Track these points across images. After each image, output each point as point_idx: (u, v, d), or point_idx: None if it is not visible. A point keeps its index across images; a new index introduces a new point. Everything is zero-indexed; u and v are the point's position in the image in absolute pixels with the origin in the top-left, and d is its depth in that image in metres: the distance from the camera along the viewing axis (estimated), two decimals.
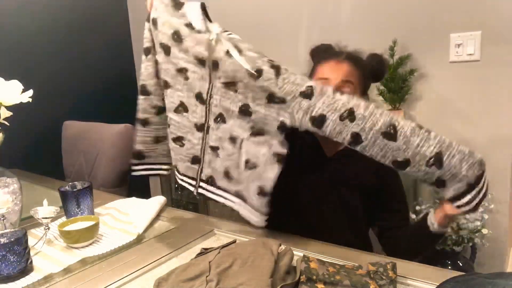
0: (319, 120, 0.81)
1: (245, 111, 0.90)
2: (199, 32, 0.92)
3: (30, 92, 1.04)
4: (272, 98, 0.86)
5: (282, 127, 0.87)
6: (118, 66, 2.66)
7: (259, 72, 0.85)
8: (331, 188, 1.05)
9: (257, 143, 0.90)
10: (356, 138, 0.79)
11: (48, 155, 2.06)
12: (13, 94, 1.02)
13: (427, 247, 1.00)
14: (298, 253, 0.85)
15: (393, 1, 1.76)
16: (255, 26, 2.17)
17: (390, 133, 0.77)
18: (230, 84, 0.90)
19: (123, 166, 1.69)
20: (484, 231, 1.50)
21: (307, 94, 0.82)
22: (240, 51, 0.88)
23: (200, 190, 1.01)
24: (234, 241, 0.89)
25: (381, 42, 1.72)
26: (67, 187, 1.12)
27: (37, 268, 0.86)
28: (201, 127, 0.97)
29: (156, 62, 1.02)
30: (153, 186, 2.91)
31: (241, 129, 0.91)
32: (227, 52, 0.89)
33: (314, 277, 0.72)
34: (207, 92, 0.94)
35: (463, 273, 0.73)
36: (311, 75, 1.09)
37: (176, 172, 1.07)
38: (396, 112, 1.74)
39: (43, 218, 0.99)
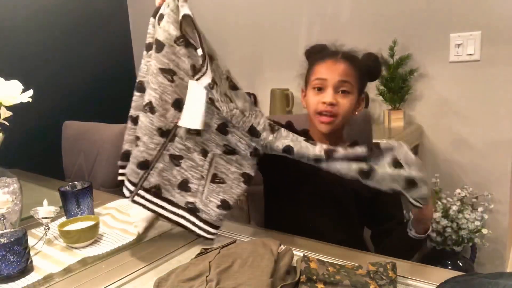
0: (287, 150, 0.89)
1: (222, 129, 0.92)
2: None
3: (30, 92, 1.04)
4: (251, 131, 0.91)
5: (254, 153, 0.93)
6: (118, 66, 2.66)
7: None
8: (327, 189, 1.05)
9: (228, 160, 0.94)
10: (318, 160, 0.87)
11: (48, 155, 2.06)
12: (13, 94, 1.02)
13: (411, 251, 1.01)
14: (298, 253, 0.85)
15: (393, 1, 1.76)
16: (255, 26, 2.18)
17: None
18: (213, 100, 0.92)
19: None
20: (484, 231, 1.50)
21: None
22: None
23: (136, 198, 0.94)
24: (234, 241, 0.89)
25: (381, 42, 1.73)
26: (67, 187, 1.12)
27: (37, 268, 0.86)
28: (166, 133, 0.93)
29: None
30: None
31: (215, 145, 0.94)
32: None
33: (314, 277, 0.72)
34: None
35: (463, 273, 0.73)
36: (307, 75, 1.08)
37: (120, 169, 1.01)
38: (396, 112, 1.75)
39: (43, 218, 0.99)
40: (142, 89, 0.98)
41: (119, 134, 1.70)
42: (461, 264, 1.57)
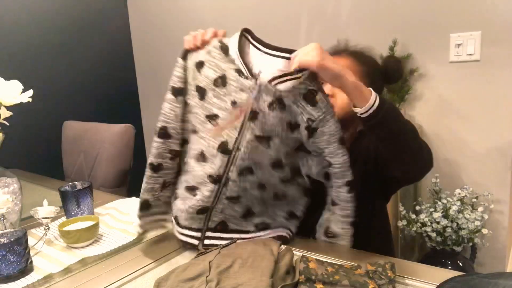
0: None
1: (278, 165, 0.91)
2: (246, 78, 0.87)
3: (30, 92, 1.04)
4: (301, 148, 0.91)
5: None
6: (118, 66, 2.66)
7: (297, 125, 0.88)
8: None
9: (285, 184, 0.95)
10: None
11: (48, 155, 2.06)
12: (13, 94, 1.02)
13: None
14: (298, 253, 0.85)
15: (393, 1, 1.76)
16: (255, 26, 2.17)
17: None
18: (264, 139, 0.88)
19: (123, 166, 1.69)
20: (484, 231, 1.50)
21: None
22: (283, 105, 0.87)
23: (206, 241, 0.94)
24: (234, 241, 0.89)
25: (381, 42, 1.72)
26: (67, 187, 1.12)
27: (37, 268, 0.86)
28: (218, 179, 0.90)
29: (186, 105, 0.93)
30: None
31: (273, 178, 0.93)
32: (271, 105, 0.85)
33: (313, 277, 0.72)
34: (234, 144, 0.88)
35: (463, 273, 0.73)
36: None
37: (176, 225, 0.96)
38: None
39: (43, 218, 0.99)
40: (166, 135, 0.93)
41: (119, 134, 1.71)
42: (461, 264, 1.56)
